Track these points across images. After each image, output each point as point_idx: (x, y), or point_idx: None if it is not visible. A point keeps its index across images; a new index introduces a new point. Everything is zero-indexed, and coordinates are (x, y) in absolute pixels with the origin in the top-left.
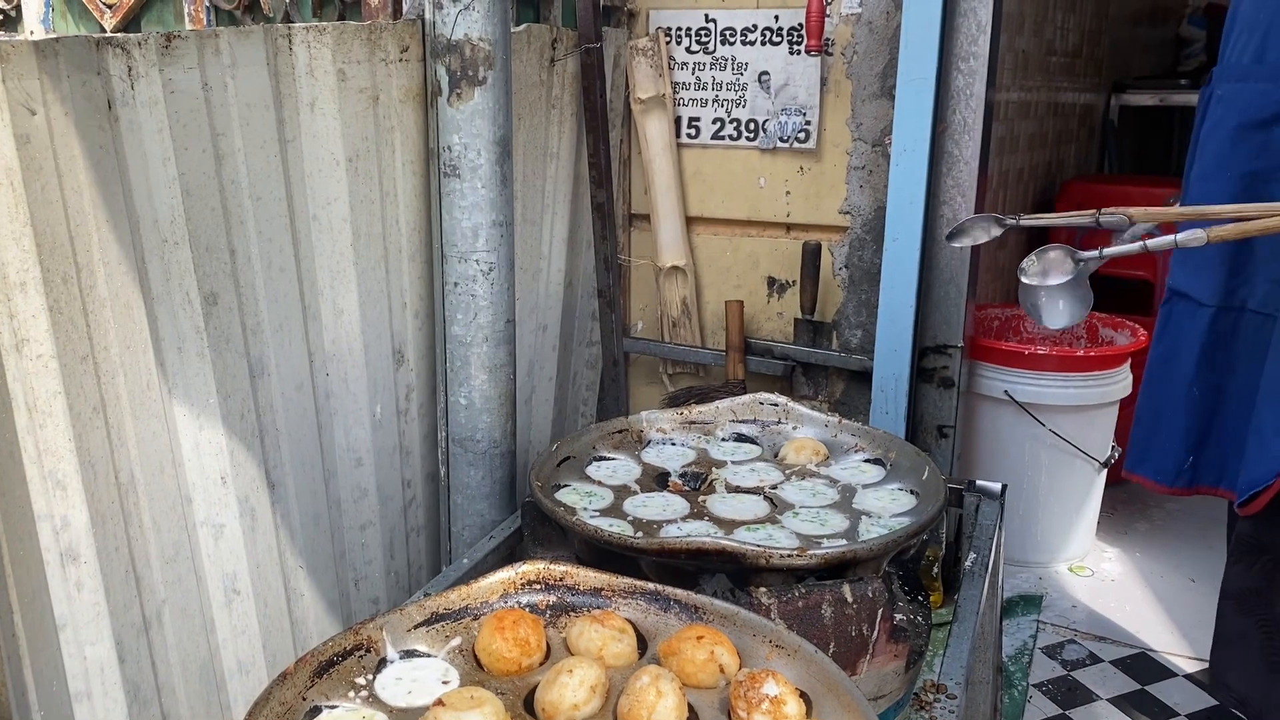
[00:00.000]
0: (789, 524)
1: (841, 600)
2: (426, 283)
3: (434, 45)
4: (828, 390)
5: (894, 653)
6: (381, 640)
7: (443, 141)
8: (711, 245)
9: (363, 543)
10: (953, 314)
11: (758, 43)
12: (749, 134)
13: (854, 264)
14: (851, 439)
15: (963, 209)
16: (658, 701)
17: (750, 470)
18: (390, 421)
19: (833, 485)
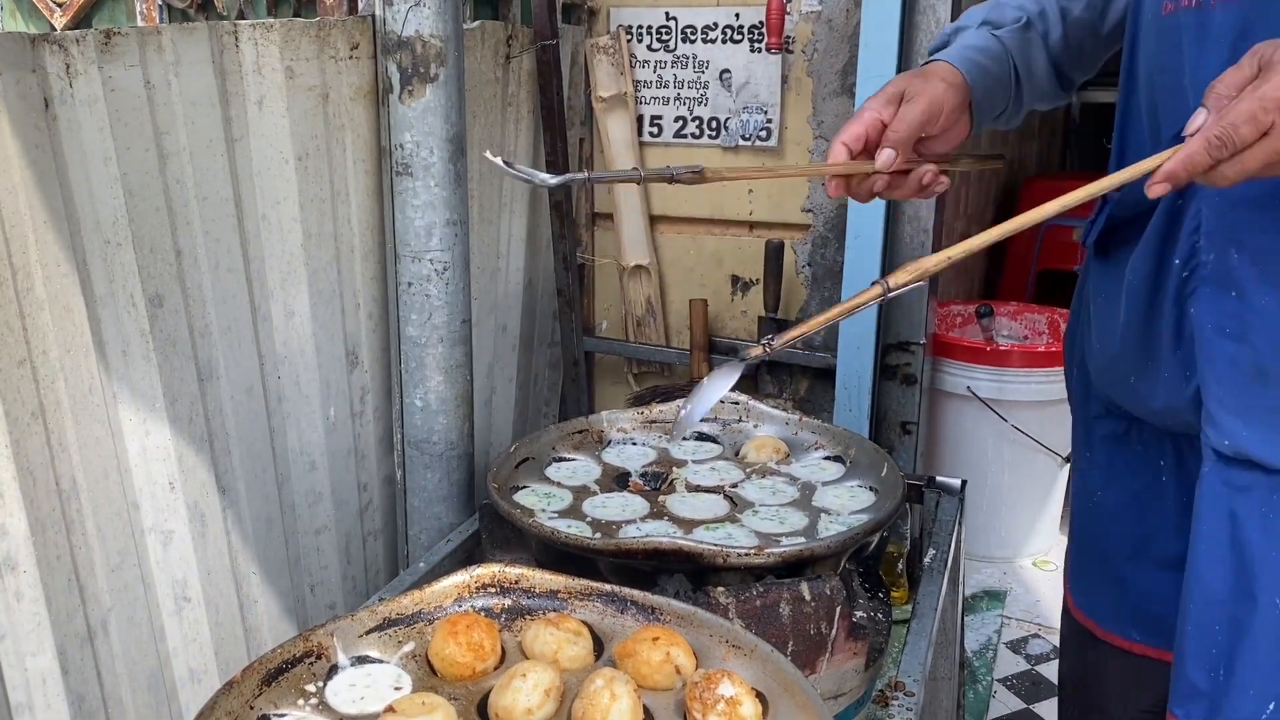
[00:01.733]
0: (748, 522)
1: (799, 599)
2: (380, 283)
3: (384, 42)
4: (792, 388)
5: (853, 650)
6: (332, 646)
7: (394, 139)
8: (675, 244)
9: (318, 548)
10: (915, 311)
11: (719, 41)
12: (711, 132)
13: (817, 262)
14: (812, 437)
15: (924, 206)
16: (612, 704)
17: (711, 469)
18: (344, 424)
19: (793, 483)
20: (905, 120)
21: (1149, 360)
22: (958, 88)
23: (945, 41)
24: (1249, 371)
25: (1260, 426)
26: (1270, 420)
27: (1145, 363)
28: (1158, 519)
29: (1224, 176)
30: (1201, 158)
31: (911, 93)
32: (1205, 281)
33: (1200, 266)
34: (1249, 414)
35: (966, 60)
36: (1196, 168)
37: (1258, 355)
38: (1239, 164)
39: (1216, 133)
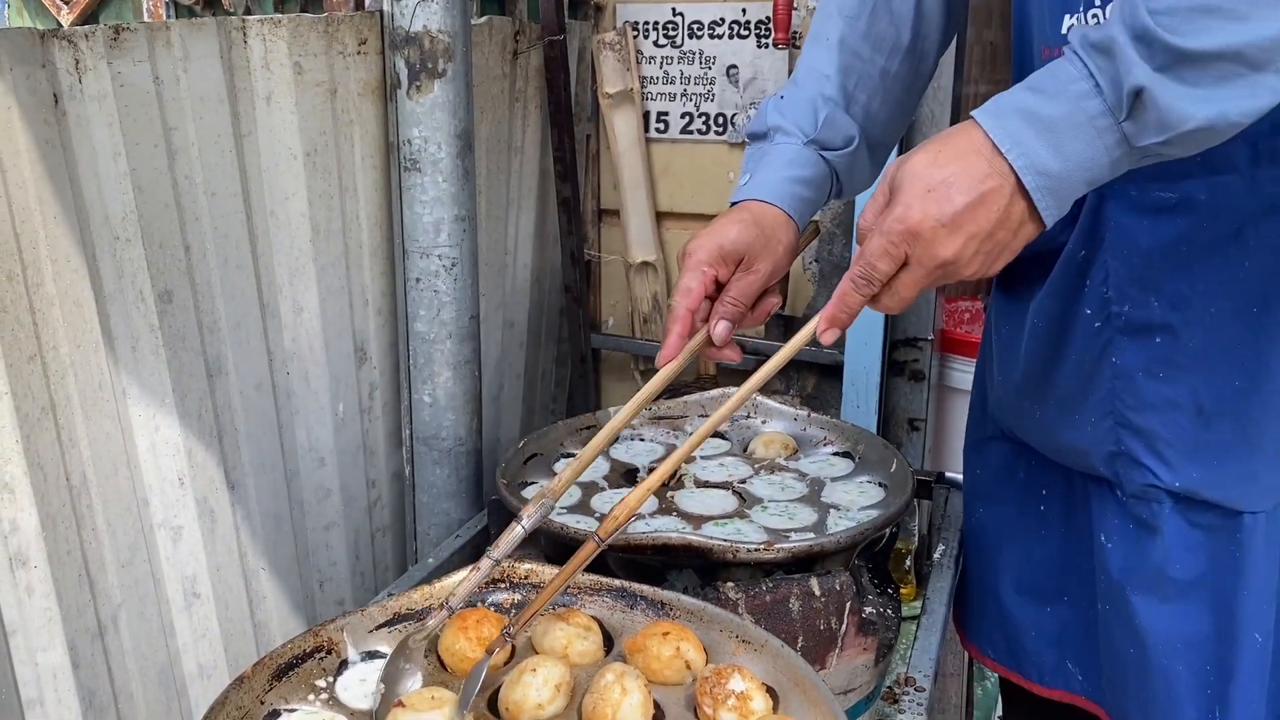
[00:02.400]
0: (757, 518)
1: (809, 594)
2: (388, 279)
3: (392, 38)
4: (799, 385)
5: (863, 646)
6: (343, 641)
7: (403, 135)
8: (682, 240)
9: (327, 543)
10: (923, 307)
11: (725, 36)
12: (718, 128)
13: (824, 258)
14: (821, 432)
15: None
16: (623, 699)
17: (719, 465)
18: (353, 420)
19: (801, 479)
20: (743, 293)
21: (1055, 400)
22: (791, 248)
23: (765, 134)
24: (1190, 411)
25: (1211, 466)
26: (1220, 458)
27: (1050, 401)
28: (1038, 549)
29: (887, 307)
30: (853, 298)
31: (753, 258)
32: (1123, 331)
33: (1114, 317)
34: (1198, 454)
35: (796, 200)
36: (851, 307)
37: (1195, 395)
38: (895, 296)
39: (858, 272)
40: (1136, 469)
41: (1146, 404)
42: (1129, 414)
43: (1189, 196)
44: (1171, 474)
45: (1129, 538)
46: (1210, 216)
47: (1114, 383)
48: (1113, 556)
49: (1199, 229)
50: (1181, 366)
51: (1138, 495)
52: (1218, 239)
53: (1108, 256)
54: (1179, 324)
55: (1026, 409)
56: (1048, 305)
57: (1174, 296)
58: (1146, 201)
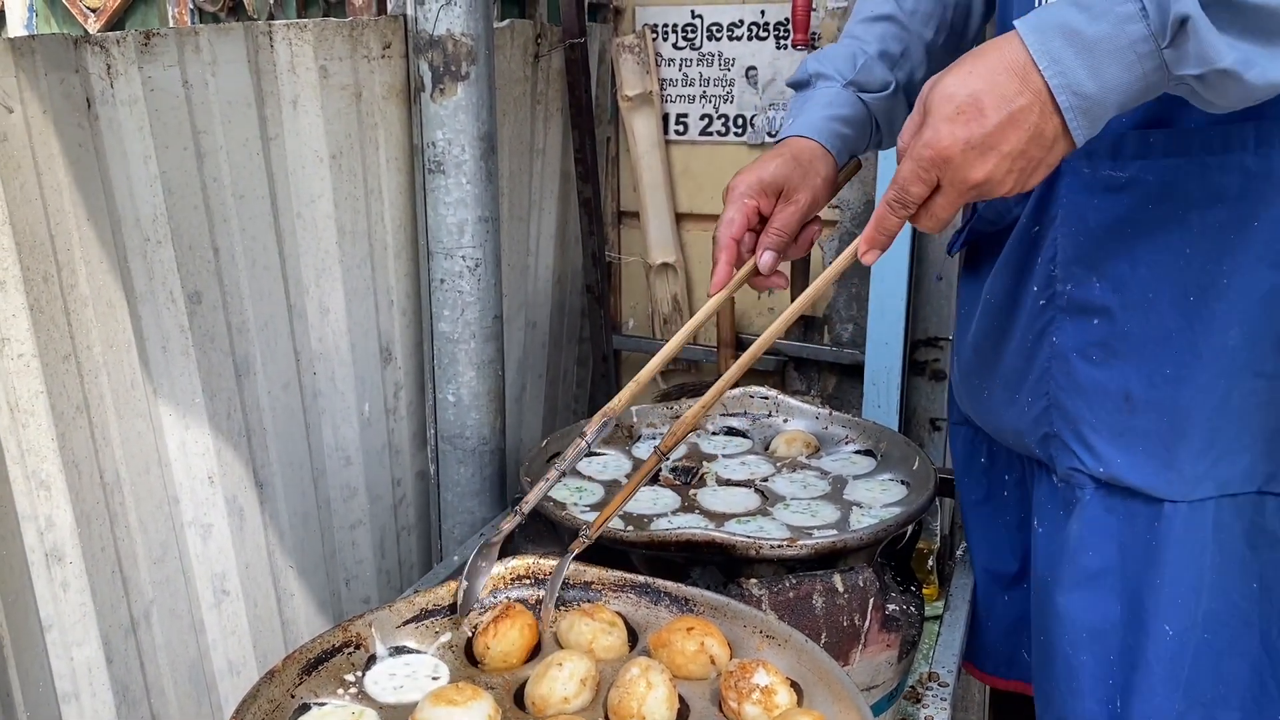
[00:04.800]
0: (780, 516)
1: (833, 590)
2: (413, 280)
3: (416, 41)
4: (820, 385)
5: (886, 642)
6: (370, 637)
7: (426, 138)
8: (702, 242)
9: (353, 542)
10: (943, 306)
11: (744, 38)
12: (737, 129)
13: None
14: (842, 431)
15: None
16: (648, 693)
17: (741, 463)
18: (379, 420)
19: (824, 477)
20: (786, 224)
21: (1000, 379)
22: (830, 179)
23: (807, 81)
24: (1117, 397)
25: (1134, 453)
26: (1144, 446)
27: (996, 381)
28: (1000, 534)
29: (927, 228)
30: (889, 220)
31: (792, 188)
32: (1065, 310)
33: (1058, 295)
34: (1122, 440)
35: (837, 137)
36: (889, 230)
37: (1125, 380)
38: (932, 218)
39: (892, 196)
40: (1064, 452)
41: (1078, 386)
42: (1061, 396)
43: (1138, 177)
44: (1095, 459)
45: (1055, 522)
46: (1156, 199)
47: (1050, 363)
48: (1040, 540)
49: (1145, 211)
50: (1115, 351)
51: (1064, 479)
52: (1163, 223)
53: (1058, 233)
54: (1117, 307)
55: (975, 389)
56: (999, 281)
57: (1115, 278)
58: (1098, 179)
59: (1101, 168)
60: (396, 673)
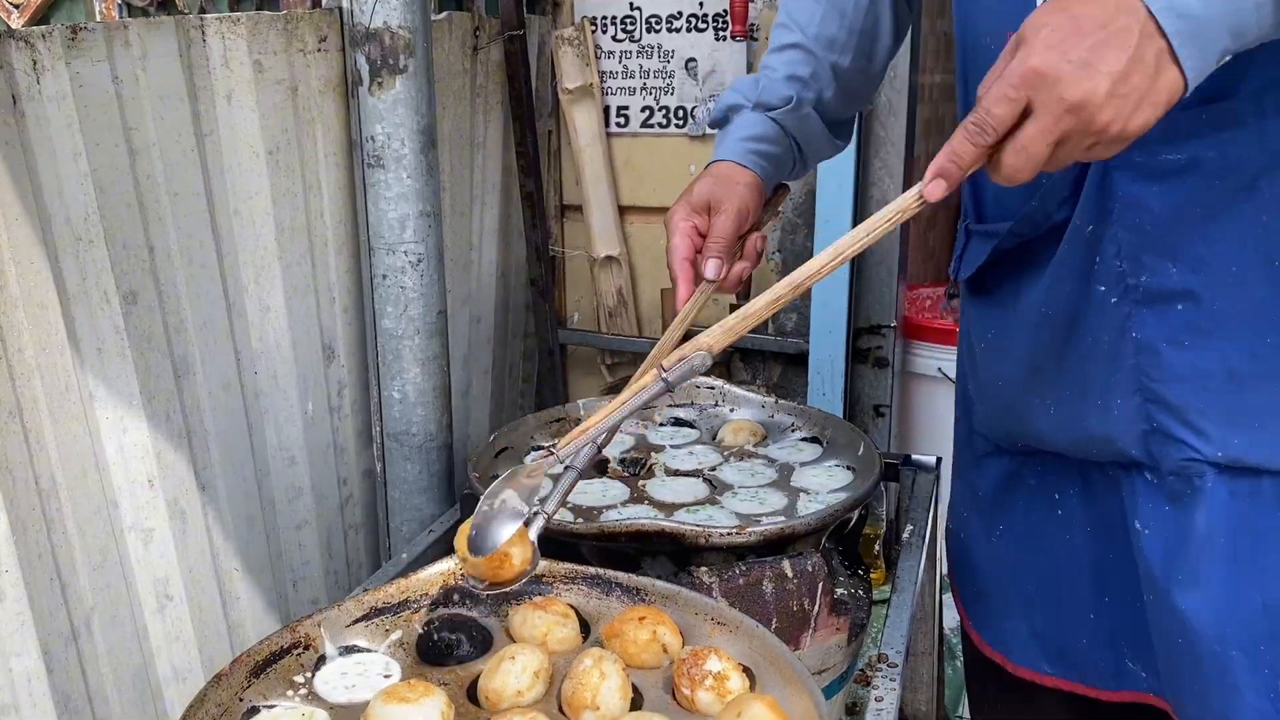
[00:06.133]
0: (728, 504)
1: (782, 575)
2: (354, 276)
3: (352, 34)
4: (765, 374)
5: (836, 626)
6: (320, 637)
7: (365, 132)
8: (645, 234)
9: (299, 543)
10: (885, 295)
11: (683, 29)
12: (678, 121)
13: (786, 247)
14: (788, 419)
15: (891, 190)
16: (601, 683)
17: (689, 453)
18: (323, 418)
19: (771, 465)
20: (721, 232)
21: (1078, 387)
22: (753, 186)
23: (724, 118)
24: (1221, 378)
25: (1251, 430)
26: (1259, 421)
27: (1071, 390)
28: (1063, 553)
29: (1013, 167)
30: (965, 149)
31: (717, 201)
32: (1143, 303)
33: (1131, 289)
34: (1235, 420)
35: (751, 155)
36: (963, 159)
37: (1225, 359)
38: (1020, 152)
39: (973, 119)
40: (1172, 445)
41: (1174, 375)
42: (1158, 388)
43: (1196, 157)
44: (1210, 445)
45: (1167, 520)
46: (1220, 174)
47: (1138, 358)
48: (1151, 543)
49: (1210, 188)
50: (1207, 332)
51: (1176, 472)
52: (1230, 196)
53: (1118, 228)
54: (1200, 288)
55: (1037, 407)
56: (1057, 289)
57: (1192, 260)
58: (1153, 166)
59: (1157, 153)
60: (348, 672)
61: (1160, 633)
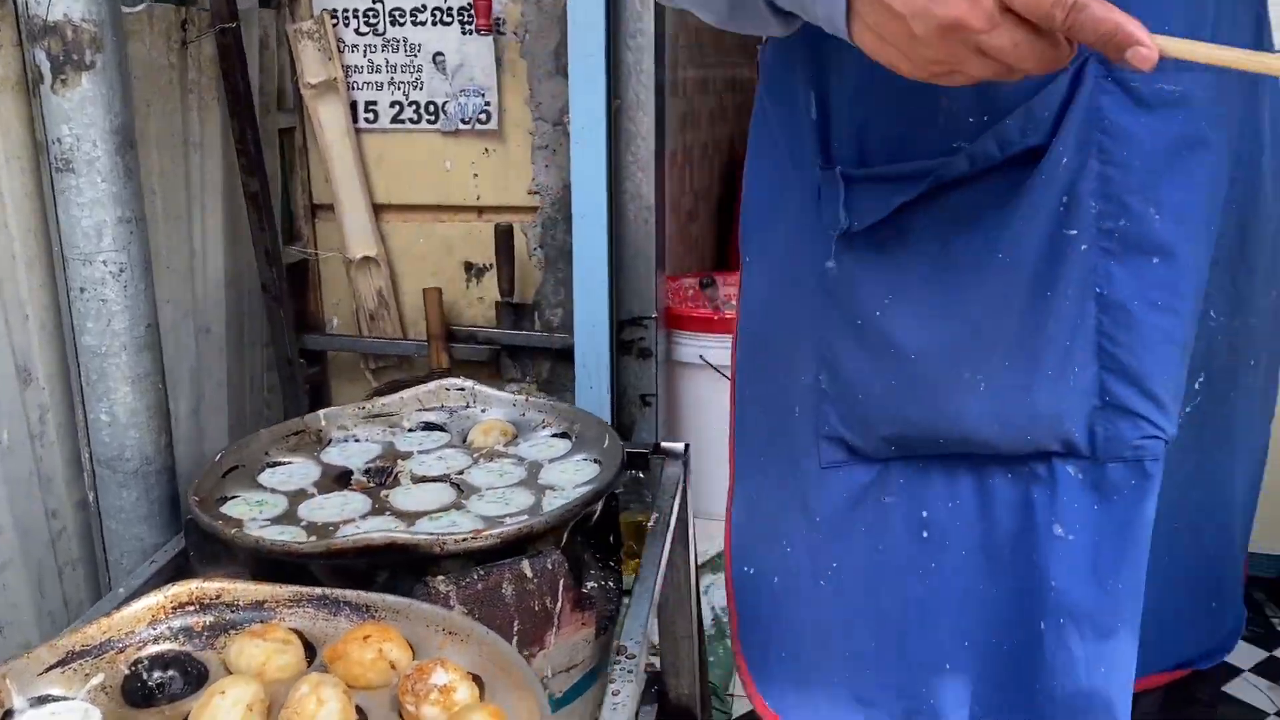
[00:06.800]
0: (474, 508)
1: (522, 577)
2: (50, 290)
3: (29, 28)
4: (534, 371)
5: (582, 621)
6: (5, 690)
7: (51, 134)
8: (403, 233)
9: (3, 584)
10: (644, 287)
11: (429, 23)
12: (430, 117)
13: (548, 243)
14: (539, 415)
15: (644, 184)
16: (319, 710)
17: (438, 458)
18: (22, 447)
19: (520, 463)
20: None
21: (1025, 357)
22: None
23: None
24: (1180, 347)
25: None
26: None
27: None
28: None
29: None
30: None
31: None
32: (1115, 254)
33: (1105, 235)
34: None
35: None
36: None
37: (1184, 326)
38: None
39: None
40: (1128, 421)
41: (1142, 341)
42: (1121, 355)
43: (1190, 91)
44: (1170, 421)
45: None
46: (1210, 118)
47: (1101, 318)
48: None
49: (1199, 129)
50: (1179, 293)
51: (1124, 457)
52: (1214, 141)
53: (1102, 163)
54: (1179, 241)
55: (963, 385)
56: (1024, 231)
57: (1176, 208)
58: (1150, 94)
59: (1153, 80)
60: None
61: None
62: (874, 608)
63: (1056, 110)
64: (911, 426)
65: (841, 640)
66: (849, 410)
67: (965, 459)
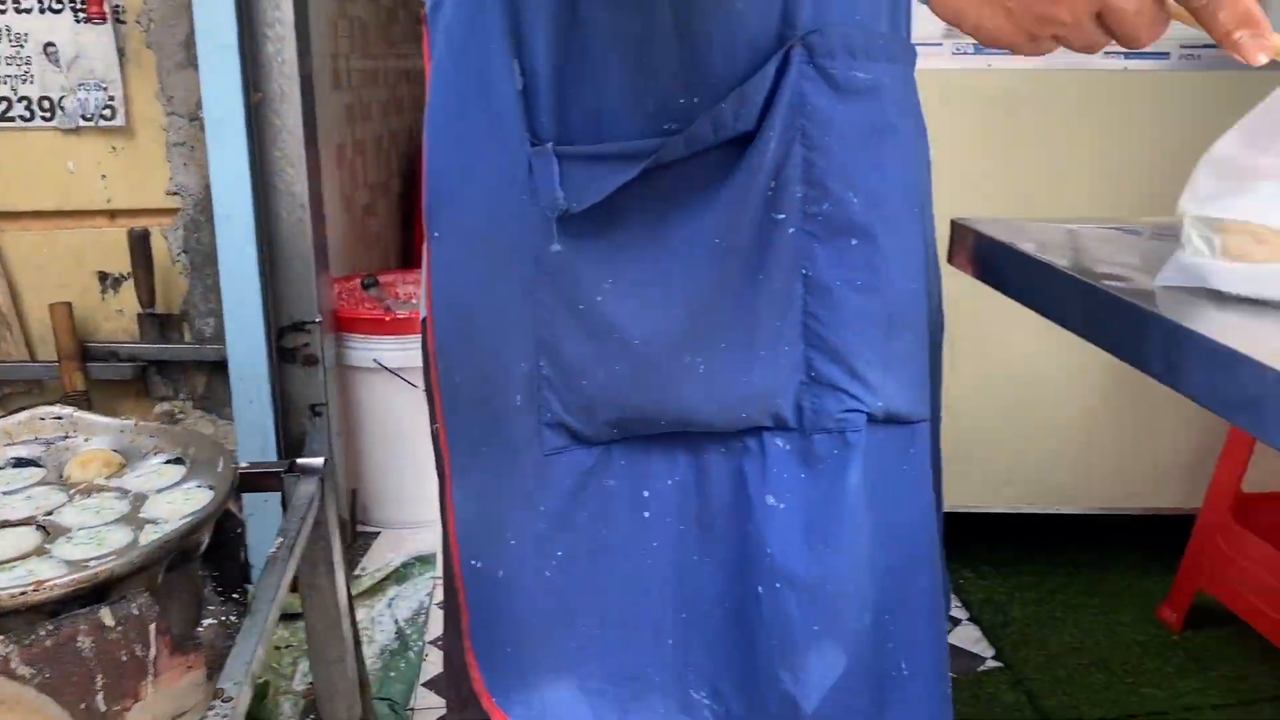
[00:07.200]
0: (59, 552)
1: (101, 626)
2: None
3: None
4: (188, 388)
5: (187, 664)
6: None
7: None
8: (23, 243)
9: None
10: (304, 289)
11: (35, 10)
12: (44, 113)
13: (193, 248)
14: (150, 441)
15: (296, 181)
16: None
17: (25, 498)
18: None
19: (123, 497)
20: None
21: (743, 338)
22: None
23: None
24: (883, 324)
25: (899, 378)
26: (902, 369)
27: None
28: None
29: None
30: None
31: None
32: (819, 236)
33: (810, 218)
34: (889, 367)
35: None
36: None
37: (887, 304)
38: None
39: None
40: (832, 396)
41: (844, 320)
42: (826, 333)
43: (880, 81)
44: (872, 394)
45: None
46: (899, 106)
47: (807, 298)
48: (786, 519)
49: (887, 117)
50: (878, 272)
51: (828, 429)
52: (902, 130)
53: (806, 148)
54: (876, 223)
55: (684, 367)
56: (738, 215)
57: (870, 192)
58: (847, 81)
59: (850, 68)
60: None
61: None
62: (598, 594)
63: (766, 95)
64: (635, 411)
65: (565, 630)
66: (572, 397)
67: (683, 437)
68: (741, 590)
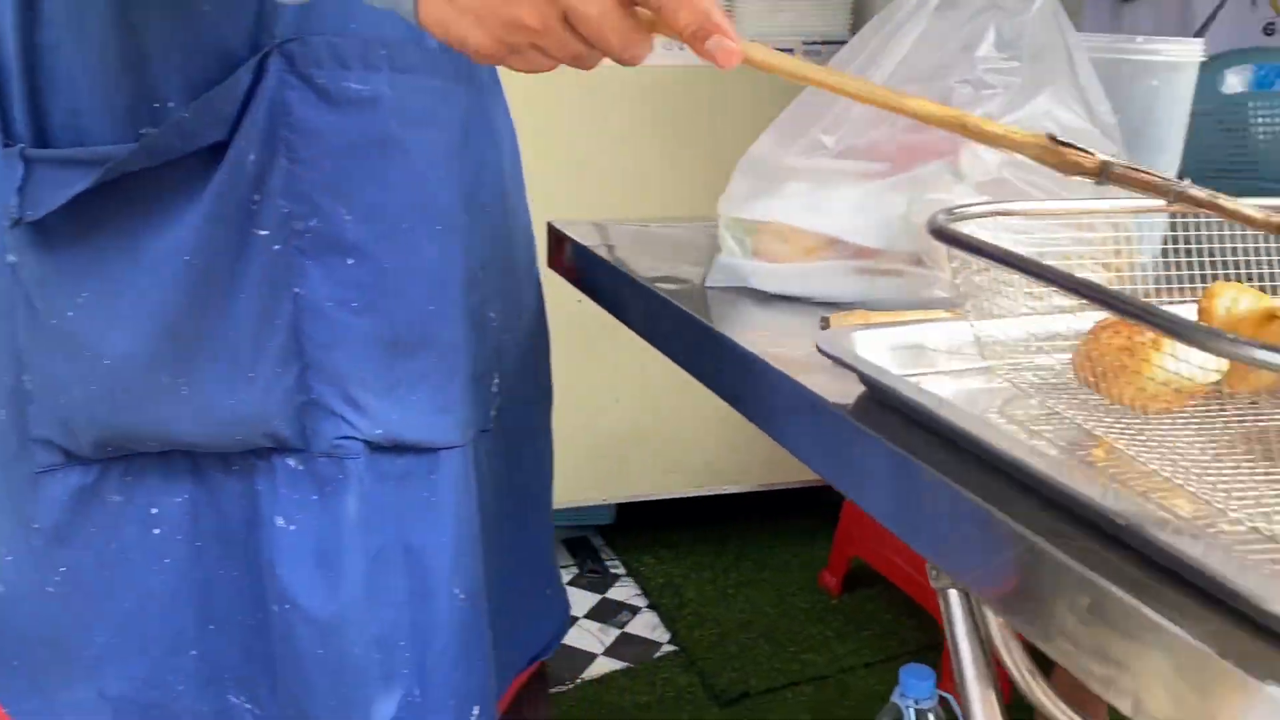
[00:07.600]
0: None
1: None
2: None
3: None
4: None
5: None
6: None
7: None
8: None
9: None
10: None
11: None
12: None
13: None
14: None
15: None
16: None
17: None
18: None
19: None
20: None
21: (227, 356)
22: None
23: None
24: (385, 346)
25: (407, 405)
26: (418, 394)
27: (220, 361)
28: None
29: None
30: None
31: None
32: (310, 253)
33: (297, 235)
34: (394, 392)
35: None
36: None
37: (393, 326)
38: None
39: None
40: (329, 420)
41: (340, 341)
42: (321, 355)
43: (381, 93)
44: (369, 420)
45: (314, 511)
46: (408, 120)
47: (299, 320)
48: (297, 540)
49: (392, 130)
50: (378, 291)
51: (328, 453)
52: (414, 144)
53: (290, 160)
54: (372, 241)
55: (165, 389)
56: (214, 232)
57: (367, 208)
58: (339, 93)
59: (341, 79)
60: None
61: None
62: (113, 607)
63: (240, 104)
64: (117, 430)
65: (80, 643)
66: (54, 414)
67: (185, 455)
68: (264, 606)
